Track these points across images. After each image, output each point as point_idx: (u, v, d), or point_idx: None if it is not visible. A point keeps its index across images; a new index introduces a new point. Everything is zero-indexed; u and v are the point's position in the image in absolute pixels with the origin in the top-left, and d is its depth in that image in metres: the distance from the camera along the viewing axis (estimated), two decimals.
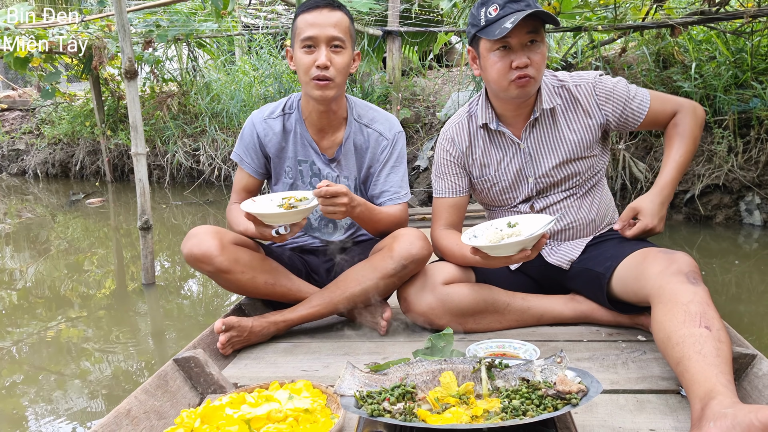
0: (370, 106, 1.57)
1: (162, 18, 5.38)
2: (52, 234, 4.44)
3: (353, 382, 0.97)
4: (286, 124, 1.54)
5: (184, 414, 0.94)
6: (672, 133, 1.40)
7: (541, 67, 1.30)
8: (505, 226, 1.27)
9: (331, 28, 1.38)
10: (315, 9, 1.39)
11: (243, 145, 1.57)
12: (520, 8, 1.24)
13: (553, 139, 1.40)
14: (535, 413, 0.85)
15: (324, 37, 1.38)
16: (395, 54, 4.50)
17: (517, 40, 1.26)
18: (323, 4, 1.40)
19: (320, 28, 1.38)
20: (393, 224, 1.49)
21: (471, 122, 1.46)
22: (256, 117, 1.56)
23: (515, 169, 1.43)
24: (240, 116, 5.35)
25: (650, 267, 1.16)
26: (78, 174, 6.87)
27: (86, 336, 2.36)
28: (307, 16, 1.39)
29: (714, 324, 0.99)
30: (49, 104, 7.21)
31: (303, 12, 1.41)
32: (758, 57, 3.42)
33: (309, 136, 1.53)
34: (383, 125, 1.53)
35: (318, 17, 1.38)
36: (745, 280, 2.66)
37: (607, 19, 3.79)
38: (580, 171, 1.41)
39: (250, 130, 1.56)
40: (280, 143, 1.54)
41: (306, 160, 1.54)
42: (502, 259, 1.22)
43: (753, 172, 3.33)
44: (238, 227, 1.50)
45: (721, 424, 0.80)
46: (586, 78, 1.39)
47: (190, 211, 4.86)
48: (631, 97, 1.38)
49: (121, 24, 2.71)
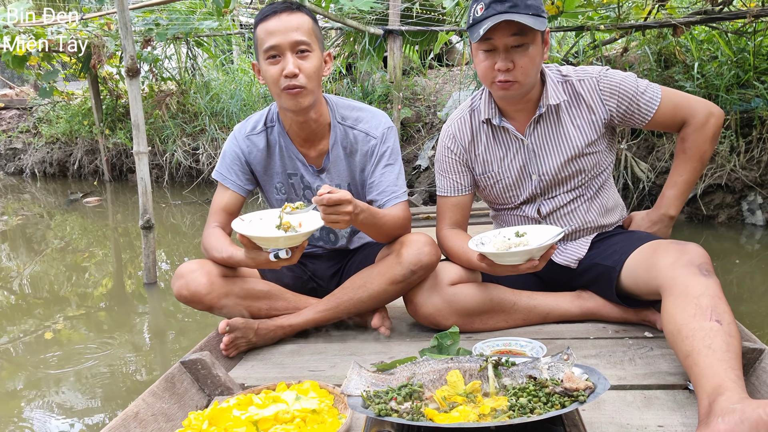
0: (353, 106, 1.47)
1: (161, 16, 5.36)
2: (50, 233, 4.42)
3: (360, 382, 0.96)
4: (270, 138, 1.46)
5: (192, 416, 0.95)
6: (679, 148, 1.37)
7: (529, 70, 1.25)
8: (513, 236, 1.27)
9: (294, 32, 1.29)
10: (272, 15, 1.30)
11: (225, 164, 1.47)
12: (504, 9, 1.19)
13: (557, 135, 1.37)
14: (542, 411, 0.84)
15: (287, 44, 1.29)
16: (396, 53, 4.50)
17: (500, 42, 1.23)
18: (280, 9, 1.31)
19: (282, 35, 1.29)
20: (397, 227, 1.40)
21: (473, 117, 1.44)
22: (239, 134, 1.47)
23: (518, 166, 1.41)
24: (240, 115, 5.33)
25: (662, 258, 1.15)
26: (76, 173, 6.85)
27: (87, 337, 2.34)
28: (267, 25, 1.30)
29: (725, 318, 0.98)
30: (47, 103, 7.19)
31: (261, 21, 1.32)
32: (760, 57, 3.42)
33: (294, 148, 1.45)
34: (369, 123, 1.43)
35: (278, 24, 1.29)
36: (747, 280, 2.66)
37: (609, 18, 3.78)
38: (585, 168, 1.39)
39: (233, 148, 1.46)
40: (266, 160, 1.47)
41: (296, 173, 1.47)
42: (509, 267, 1.22)
43: (755, 172, 3.32)
44: (220, 254, 1.36)
45: (729, 419, 0.79)
46: (590, 72, 1.36)
47: (189, 210, 4.84)
48: (641, 92, 1.33)
49: (123, 22, 2.70)
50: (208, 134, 5.52)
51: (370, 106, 1.50)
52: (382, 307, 1.47)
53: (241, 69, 5.63)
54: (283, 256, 1.19)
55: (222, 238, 1.40)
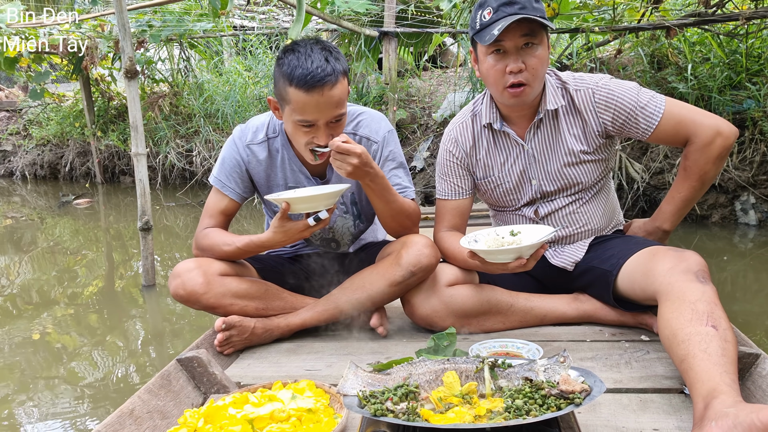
0: (351, 111, 1.43)
1: (154, 18, 5.33)
2: (42, 236, 4.37)
3: (356, 382, 0.96)
4: (271, 149, 1.42)
5: (188, 414, 0.94)
6: (681, 165, 1.33)
7: (539, 71, 1.25)
8: (507, 234, 1.27)
9: (335, 108, 1.22)
10: (315, 89, 1.18)
11: (225, 171, 1.42)
12: (513, 12, 1.20)
13: (556, 141, 1.37)
14: (538, 413, 0.84)
15: (326, 120, 1.23)
16: (391, 55, 4.50)
17: (512, 44, 1.23)
18: (325, 79, 1.18)
19: (321, 113, 1.21)
20: (407, 214, 1.38)
21: (475, 122, 1.43)
22: (239, 141, 1.42)
23: (519, 170, 1.41)
24: (234, 117, 5.31)
25: (659, 264, 1.15)
26: (67, 175, 6.80)
27: (85, 337, 2.32)
28: (308, 98, 1.19)
29: (721, 323, 0.98)
30: (37, 105, 7.13)
31: (300, 88, 1.19)
32: (752, 59, 3.45)
33: (297, 161, 1.42)
34: (369, 128, 1.42)
35: (320, 100, 1.19)
36: (740, 279, 2.68)
37: (604, 20, 3.81)
38: (584, 174, 1.38)
39: (233, 155, 1.42)
40: (267, 171, 1.43)
41: (297, 186, 1.44)
42: (499, 265, 1.22)
43: (748, 172, 3.35)
44: (231, 246, 1.35)
45: (722, 423, 0.79)
46: (587, 82, 1.33)
47: (182, 212, 4.81)
48: (641, 106, 1.28)
49: (121, 23, 2.68)
50: (202, 136, 5.50)
51: (367, 108, 1.49)
52: (381, 307, 1.47)
53: (235, 71, 5.60)
54: (323, 217, 1.23)
55: (226, 233, 1.39)
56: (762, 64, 3.42)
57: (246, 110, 5.29)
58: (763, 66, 3.41)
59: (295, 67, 1.20)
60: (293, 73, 1.20)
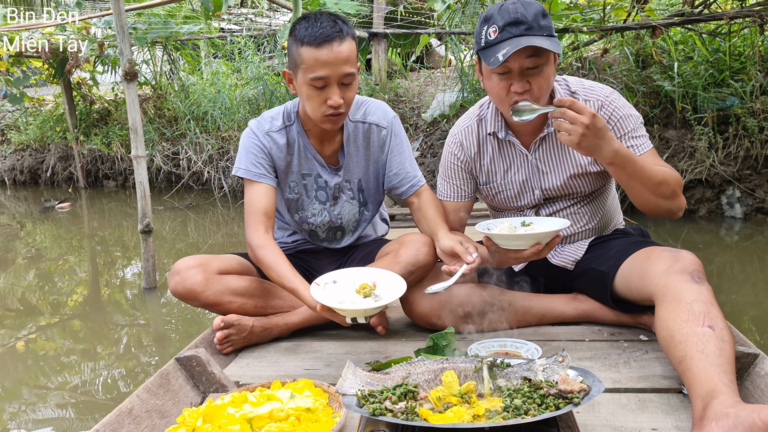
0: (357, 100, 1.48)
1: (138, 21, 5.25)
2: (23, 243, 4.28)
3: (355, 381, 0.95)
4: (289, 136, 1.45)
5: (187, 413, 0.94)
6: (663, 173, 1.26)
7: (544, 90, 1.22)
8: (519, 225, 1.28)
9: (344, 65, 1.26)
10: (325, 43, 1.24)
11: (251, 158, 1.42)
12: (519, 33, 1.17)
13: (562, 153, 1.36)
14: (536, 412, 0.84)
15: (337, 77, 1.27)
16: (381, 56, 4.50)
17: (517, 65, 1.19)
18: (332, 35, 1.24)
19: (333, 68, 1.25)
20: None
21: (480, 127, 1.42)
22: (258, 130, 1.44)
23: (521, 180, 1.41)
24: (223, 119, 5.26)
25: (654, 265, 1.15)
26: (49, 180, 6.68)
27: (84, 337, 2.31)
28: (317, 53, 1.24)
29: (717, 323, 0.98)
30: (15, 109, 6.98)
31: (310, 45, 1.25)
32: (734, 57, 3.52)
33: (312, 148, 1.45)
34: (376, 115, 1.47)
35: (329, 54, 1.24)
36: (727, 271, 2.72)
37: (593, 20, 3.85)
38: (588, 184, 1.39)
39: (255, 142, 1.43)
40: (286, 158, 1.46)
41: (310, 174, 1.47)
42: (512, 253, 1.21)
43: (733, 167, 3.42)
44: (282, 282, 1.29)
45: (723, 423, 0.79)
46: (597, 94, 1.32)
47: (169, 216, 4.75)
48: (635, 136, 1.29)
49: (120, 25, 2.64)
50: (190, 139, 5.43)
51: (369, 97, 1.53)
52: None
53: (223, 73, 5.55)
54: (361, 322, 1.18)
55: (283, 263, 1.31)
56: (744, 63, 3.49)
57: (235, 112, 5.24)
58: (744, 64, 3.48)
59: (305, 28, 1.27)
60: (304, 33, 1.27)
